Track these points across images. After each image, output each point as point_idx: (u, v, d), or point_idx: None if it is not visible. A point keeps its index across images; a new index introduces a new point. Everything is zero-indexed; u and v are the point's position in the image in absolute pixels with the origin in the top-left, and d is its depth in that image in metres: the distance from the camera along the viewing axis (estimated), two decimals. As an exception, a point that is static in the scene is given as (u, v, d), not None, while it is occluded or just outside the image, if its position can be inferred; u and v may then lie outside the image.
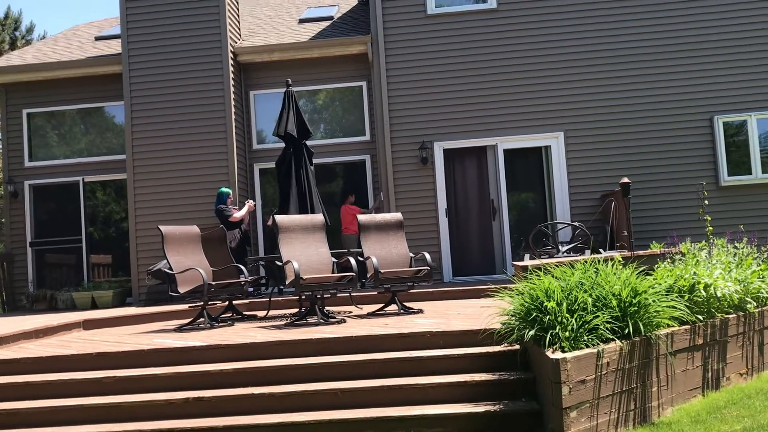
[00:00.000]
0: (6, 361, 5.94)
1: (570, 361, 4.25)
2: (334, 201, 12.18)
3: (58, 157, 12.57)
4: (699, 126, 11.12)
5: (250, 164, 12.27)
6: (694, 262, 5.76)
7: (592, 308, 4.64)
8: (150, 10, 11.69)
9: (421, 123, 11.38)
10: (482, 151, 11.47)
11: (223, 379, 5.33)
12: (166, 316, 8.81)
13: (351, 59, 12.21)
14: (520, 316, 4.91)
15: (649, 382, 4.68)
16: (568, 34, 11.32)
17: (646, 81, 11.20)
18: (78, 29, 15.53)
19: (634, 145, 11.14)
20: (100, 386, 5.41)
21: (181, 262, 7.58)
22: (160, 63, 11.62)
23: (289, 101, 8.89)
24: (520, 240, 11.22)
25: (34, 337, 7.22)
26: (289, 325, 6.94)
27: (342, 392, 4.96)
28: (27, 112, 12.57)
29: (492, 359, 5.15)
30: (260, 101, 12.43)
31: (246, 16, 14.58)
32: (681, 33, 11.22)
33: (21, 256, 12.31)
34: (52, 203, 12.55)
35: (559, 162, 11.23)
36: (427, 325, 6.01)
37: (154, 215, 11.34)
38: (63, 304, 11.25)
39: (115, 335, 7.27)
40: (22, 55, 13.38)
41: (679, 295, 5.20)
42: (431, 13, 11.50)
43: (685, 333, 5.00)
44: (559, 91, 11.27)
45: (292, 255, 7.33)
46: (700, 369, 5.15)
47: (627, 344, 4.55)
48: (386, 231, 8.13)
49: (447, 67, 11.42)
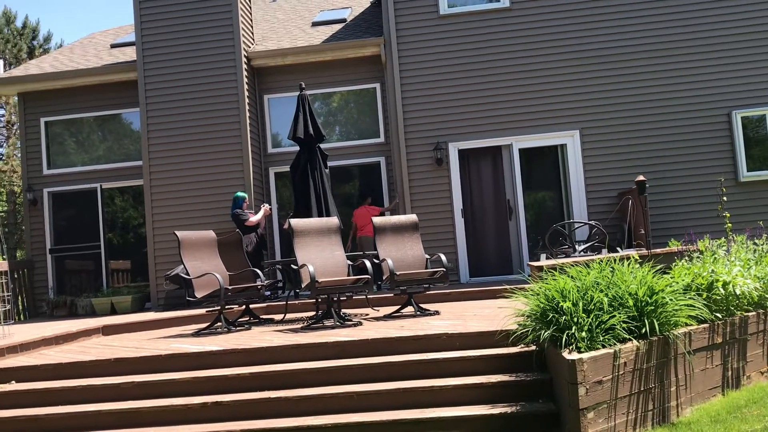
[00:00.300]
0: (27, 368, 6.01)
1: (586, 362, 4.22)
2: (350, 203, 12.20)
3: (76, 164, 12.70)
4: (717, 121, 11.00)
5: (266, 168, 12.31)
6: (712, 260, 5.70)
7: (608, 308, 4.61)
8: (164, 17, 11.77)
9: (436, 124, 11.36)
10: (497, 151, 11.43)
11: (241, 383, 5.35)
12: (184, 321, 8.86)
13: (364, 61, 12.22)
14: (536, 316, 4.88)
15: (668, 382, 4.63)
16: (582, 32, 11.25)
17: (662, 77, 11.10)
18: (94, 37, 15.69)
19: (651, 142, 11.04)
20: (119, 392, 5.46)
21: (198, 267, 7.63)
22: (174, 69, 11.70)
23: (303, 105, 8.91)
24: (536, 240, 11.16)
25: (55, 343, 7.30)
26: (305, 328, 6.96)
27: (358, 395, 4.97)
28: (45, 121, 12.71)
29: (508, 360, 5.13)
30: (274, 105, 12.47)
31: (259, 20, 14.64)
32: (697, 27, 11.10)
33: (41, 263, 12.45)
34: (70, 210, 12.68)
35: (575, 160, 11.16)
36: (443, 327, 6.00)
37: (171, 220, 11.42)
38: (83, 310, 11.35)
39: (133, 340, 7.32)
40: (40, 64, 13.53)
41: (697, 294, 5.14)
42: (444, 14, 11.48)
43: (704, 332, 4.94)
44: (574, 89, 11.20)
45: (308, 258, 7.35)
46: (720, 368, 5.09)
47: (644, 344, 4.51)
48: (401, 233, 8.13)
49: (460, 67, 11.40)
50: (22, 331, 8.33)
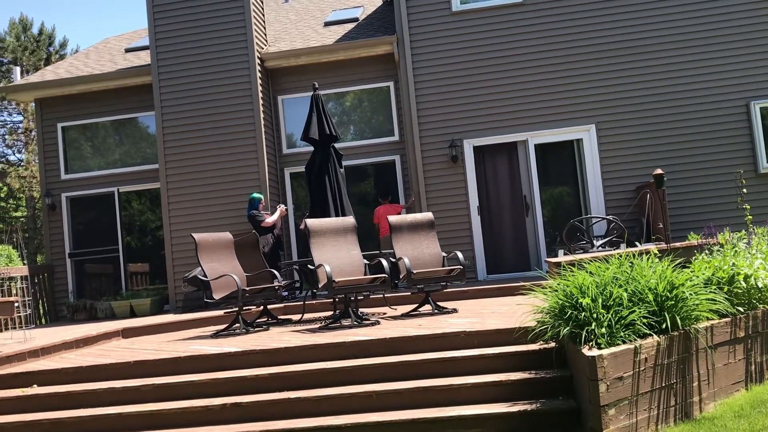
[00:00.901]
0: (49, 371, 6.07)
1: (606, 358, 4.18)
2: (366, 203, 12.20)
3: (93, 168, 12.80)
4: (735, 112, 10.87)
5: (281, 169, 12.34)
6: (732, 253, 5.62)
7: (627, 303, 4.56)
8: (177, 20, 11.83)
9: (450, 121, 11.32)
10: (513, 147, 11.37)
11: (260, 383, 5.36)
12: (203, 323, 8.90)
13: (377, 60, 12.21)
14: (554, 313, 4.85)
15: (690, 377, 4.58)
16: (596, 25, 11.16)
17: (678, 68, 10.99)
18: (108, 42, 15.80)
19: (669, 135, 10.93)
20: (139, 394, 5.49)
21: (216, 269, 7.66)
22: (188, 72, 11.75)
23: (317, 105, 8.92)
24: (554, 235, 11.09)
25: (75, 347, 7.36)
26: (323, 328, 6.96)
27: (377, 395, 4.96)
28: (62, 126, 12.82)
29: (527, 358, 5.10)
30: (289, 105, 12.49)
31: (271, 21, 14.67)
32: (714, 18, 10.97)
33: (60, 268, 12.56)
34: (89, 214, 12.79)
35: (592, 155, 11.07)
36: (461, 325, 5.97)
37: (188, 223, 11.48)
38: (102, 314, 11.44)
39: (153, 343, 7.37)
40: (56, 69, 13.65)
41: (718, 287, 5.08)
42: (456, 10, 11.43)
43: (726, 326, 4.88)
44: (589, 83, 11.12)
45: (324, 258, 7.36)
46: (743, 362, 5.03)
47: (665, 339, 4.46)
48: (418, 231, 8.11)
49: (474, 63, 11.35)
50: (43, 335, 8.41)
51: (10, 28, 30.19)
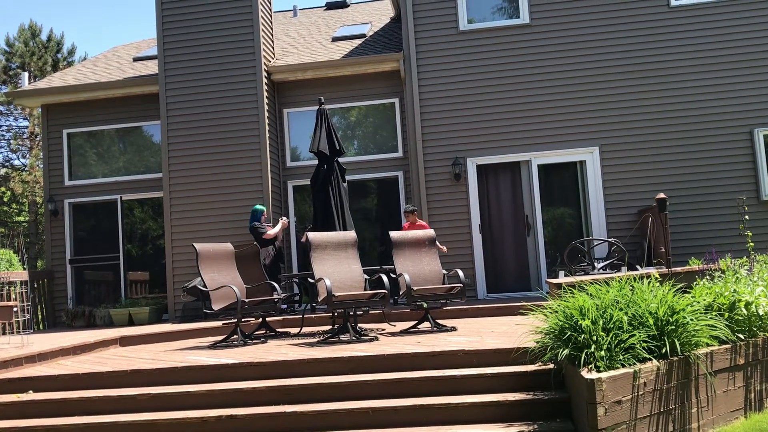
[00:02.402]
0: (45, 378, 6.05)
1: (605, 381, 4.16)
2: (369, 218, 12.21)
3: (97, 175, 12.82)
4: (738, 139, 10.89)
5: (284, 181, 12.36)
6: (734, 279, 5.61)
7: (627, 327, 4.55)
8: (186, 31, 11.90)
9: (454, 139, 11.35)
10: (516, 167, 11.39)
11: (256, 397, 5.34)
12: (201, 333, 8.88)
13: (383, 76, 12.26)
14: (554, 334, 4.83)
15: (689, 403, 4.56)
16: (602, 48, 11.21)
17: (683, 94, 11.02)
18: (117, 50, 15.89)
19: (672, 159, 10.95)
20: (135, 403, 5.47)
21: (215, 280, 7.65)
22: (195, 82, 11.80)
23: (322, 119, 8.96)
24: (555, 256, 11.09)
25: (72, 353, 7.34)
26: (321, 342, 6.94)
27: (374, 411, 4.93)
28: (67, 132, 12.86)
29: (526, 378, 5.08)
30: (294, 119, 12.53)
31: (280, 35, 14.76)
32: (719, 45, 11.03)
33: (60, 273, 12.55)
34: (91, 221, 12.80)
35: (595, 177, 11.09)
36: (460, 343, 5.95)
37: (189, 232, 11.48)
38: (101, 321, 11.41)
39: (150, 352, 7.34)
40: (63, 76, 13.72)
41: (718, 314, 5.07)
42: (463, 29, 11.50)
43: (726, 352, 4.86)
44: (594, 105, 11.15)
45: (325, 272, 7.35)
46: (742, 390, 5.00)
47: (664, 364, 4.44)
48: (419, 247, 8.10)
49: (480, 82, 11.40)
50: (41, 340, 8.39)
51: (19, 34, 30.38)
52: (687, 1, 11.16)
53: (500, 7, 11.66)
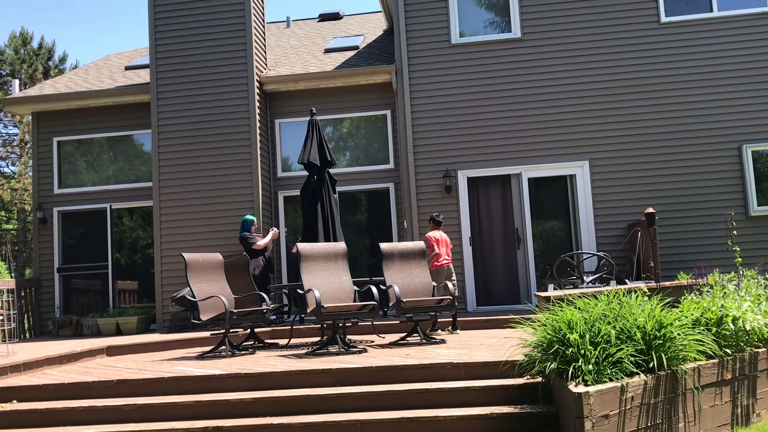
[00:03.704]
0: (30, 387, 5.99)
1: (593, 395, 4.16)
2: (360, 229, 12.21)
3: (87, 184, 12.77)
4: (727, 155, 10.98)
5: (275, 192, 12.34)
6: (722, 294, 5.64)
7: (615, 341, 4.56)
8: (178, 40, 11.90)
9: (445, 151, 11.38)
10: (506, 180, 11.42)
11: (243, 408, 5.31)
12: (189, 344, 8.83)
13: (375, 88, 12.30)
14: (542, 347, 4.84)
15: (676, 418, 4.57)
16: (592, 63, 11.29)
17: (673, 110, 11.11)
18: (109, 59, 15.87)
19: (662, 174, 11.01)
20: (121, 413, 5.42)
21: (204, 290, 7.62)
22: (187, 92, 11.79)
23: (313, 130, 8.96)
24: (545, 269, 11.10)
25: (58, 363, 7.28)
26: (310, 354, 6.92)
27: (362, 424, 4.91)
28: (57, 140, 12.81)
29: (514, 392, 5.08)
30: (285, 129, 12.54)
31: (272, 46, 14.78)
32: (709, 62, 11.13)
33: (48, 282, 12.46)
34: (79, 229, 12.73)
35: (585, 191, 11.14)
36: (449, 356, 5.95)
37: (179, 242, 11.44)
38: (88, 330, 11.34)
39: (137, 362, 7.29)
40: (54, 84, 13.68)
41: (706, 329, 5.09)
42: (455, 43, 11.56)
43: (713, 367, 4.88)
44: (584, 120, 11.22)
45: (314, 283, 7.33)
46: (729, 404, 5.02)
47: (652, 378, 4.45)
48: (408, 259, 8.11)
49: (471, 95, 11.44)
50: (27, 349, 8.32)
51: (9, 41, 30.33)
52: (677, 18, 11.28)
53: (492, 21, 11.73)
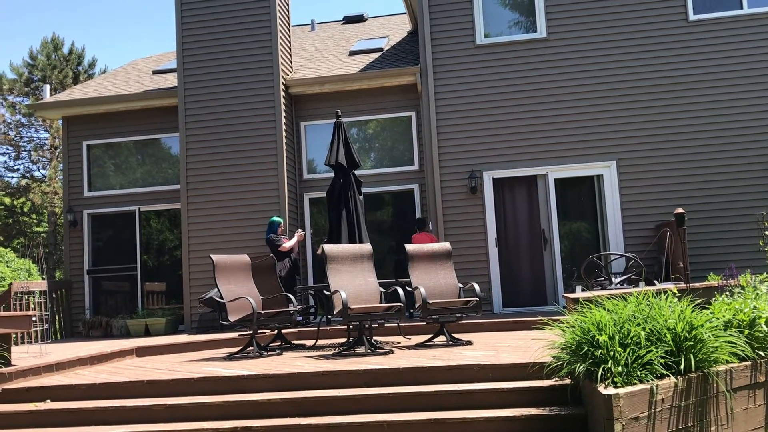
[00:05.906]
0: (62, 387, 6.09)
1: (623, 397, 4.12)
2: (383, 230, 12.23)
3: (116, 187, 12.95)
4: (759, 154, 10.80)
5: (301, 194, 12.41)
6: (754, 296, 5.55)
7: (645, 342, 4.51)
8: (205, 45, 12.02)
9: (470, 152, 11.35)
10: (532, 181, 11.36)
11: (271, 408, 5.34)
12: (217, 344, 8.90)
13: (400, 90, 12.31)
14: (571, 349, 4.80)
15: (708, 421, 4.50)
16: (620, 62, 11.18)
17: (701, 108, 10.96)
18: (136, 63, 16.08)
19: (691, 174, 10.87)
20: (150, 414, 5.48)
21: (232, 291, 7.68)
22: (214, 95, 11.91)
23: (339, 132, 8.99)
24: (572, 270, 11.02)
25: (89, 363, 7.39)
26: (336, 355, 6.94)
27: (389, 425, 4.91)
28: (87, 144, 13.02)
29: (542, 394, 5.04)
30: (311, 132, 12.60)
31: (297, 49, 14.87)
32: (737, 59, 10.96)
33: (78, 284, 12.66)
34: (108, 232, 12.92)
35: (612, 191, 11.03)
36: (475, 358, 5.93)
37: (206, 244, 11.55)
38: (117, 331, 11.49)
39: (166, 363, 7.37)
40: (84, 89, 13.89)
41: (738, 330, 5.01)
42: (480, 44, 11.52)
43: (746, 369, 4.80)
44: (611, 119, 11.11)
45: (340, 284, 7.35)
46: (763, 408, 4.93)
47: (682, 380, 4.40)
48: (434, 261, 8.09)
49: (496, 96, 11.40)
50: (58, 350, 8.46)
51: (42, 47, 30.86)
52: (706, 16, 11.13)
53: (517, 21, 11.69)
